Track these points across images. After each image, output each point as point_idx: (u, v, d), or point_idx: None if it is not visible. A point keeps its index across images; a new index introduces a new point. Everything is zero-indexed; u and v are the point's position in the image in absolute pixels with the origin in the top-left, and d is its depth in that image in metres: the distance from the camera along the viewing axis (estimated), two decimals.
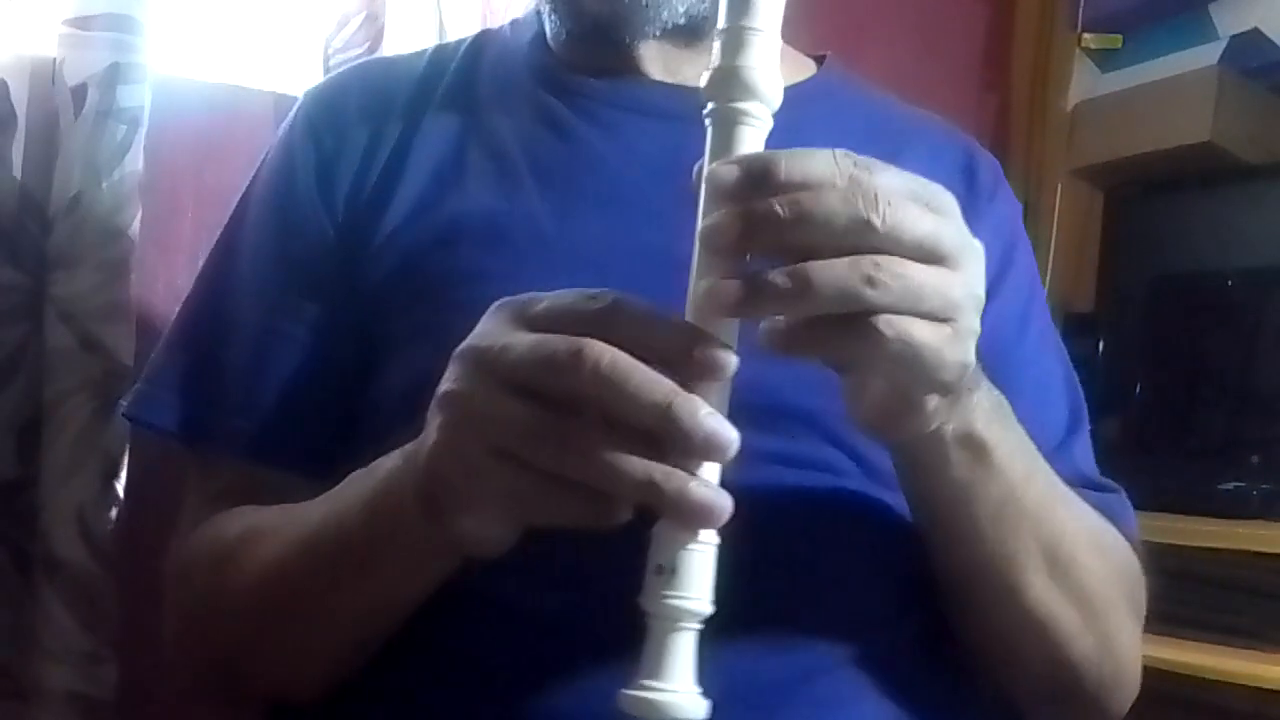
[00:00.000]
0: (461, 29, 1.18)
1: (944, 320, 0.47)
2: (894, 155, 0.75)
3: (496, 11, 1.20)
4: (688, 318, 0.47)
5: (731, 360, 0.46)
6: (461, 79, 0.77)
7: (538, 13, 0.79)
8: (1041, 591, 0.62)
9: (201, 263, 0.79)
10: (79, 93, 0.95)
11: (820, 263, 0.45)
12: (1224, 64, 1.57)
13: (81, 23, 0.96)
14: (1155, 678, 0.74)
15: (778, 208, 0.45)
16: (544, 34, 0.78)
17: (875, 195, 0.45)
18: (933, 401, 0.52)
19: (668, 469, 0.45)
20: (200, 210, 1.08)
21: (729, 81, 0.49)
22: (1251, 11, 1.59)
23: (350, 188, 0.73)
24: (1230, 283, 1.50)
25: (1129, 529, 0.74)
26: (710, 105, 0.49)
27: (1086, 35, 1.72)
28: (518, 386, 0.47)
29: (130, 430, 0.96)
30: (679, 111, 0.71)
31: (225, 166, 1.08)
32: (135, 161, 0.97)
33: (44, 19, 1.00)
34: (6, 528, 0.97)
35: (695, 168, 0.49)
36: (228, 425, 0.72)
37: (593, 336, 0.46)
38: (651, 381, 0.45)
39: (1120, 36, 1.71)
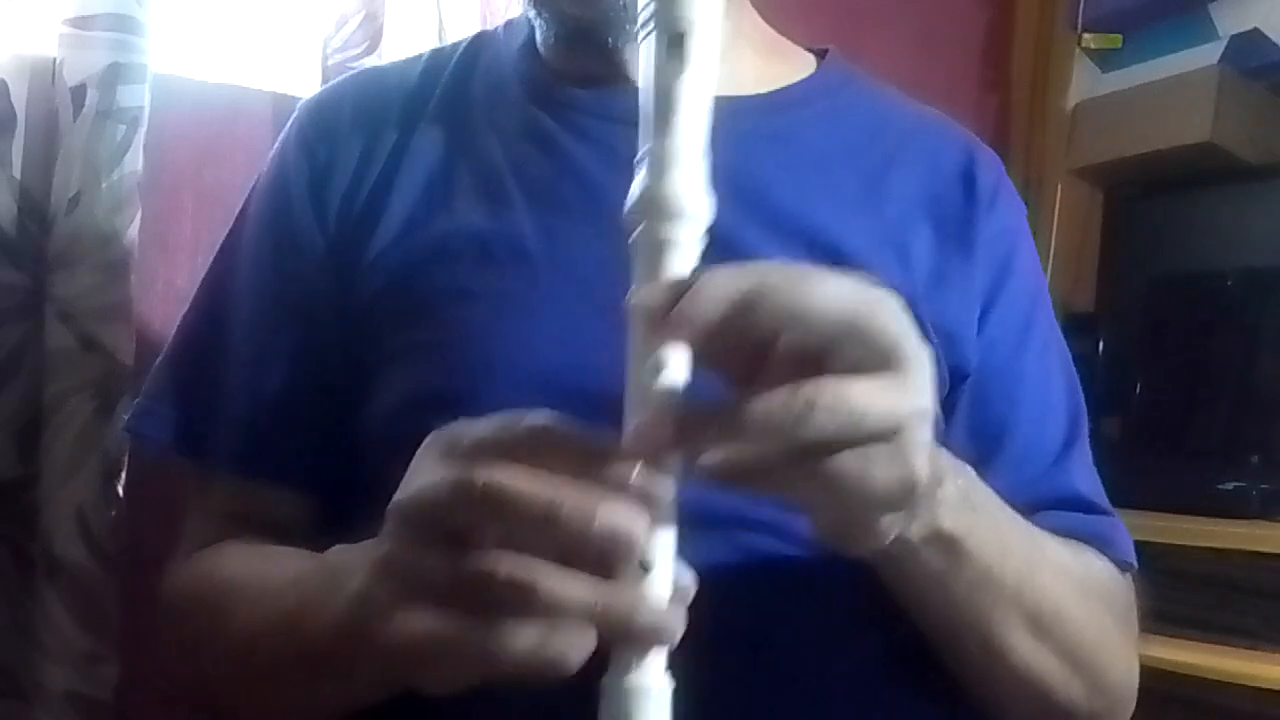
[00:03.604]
0: (461, 29, 1.18)
1: (887, 439, 0.45)
2: (890, 161, 0.75)
3: (497, 11, 1.20)
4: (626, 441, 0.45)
5: (669, 490, 0.44)
6: (454, 90, 0.77)
7: (528, 17, 0.78)
8: (1026, 653, 0.62)
9: (201, 263, 0.79)
10: (78, 93, 0.95)
11: (758, 399, 0.43)
12: (1224, 64, 1.58)
13: (81, 22, 0.95)
14: (1155, 678, 0.74)
15: (717, 414, 0.44)
16: (534, 39, 0.77)
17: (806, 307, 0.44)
18: (886, 520, 0.50)
19: (609, 593, 0.44)
20: (200, 210, 1.08)
21: (650, 205, 0.47)
22: (1251, 11, 1.59)
23: (342, 202, 0.73)
24: (1230, 283, 1.50)
25: (1121, 553, 0.73)
26: (635, 231, 0.47)
27: (1086, 35, 1.73)
28: (443, 535, 0.45)
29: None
30: None
31: (225, 166, 1.08)
32: (135, 162, 0.97)
33: (44, 19, 1.00)
34: (7, 527, 0.97)
35: (626, 299, 0.47)
36: (221, 440, 0.72)
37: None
38: (570, 591, 0.43)
39: (1120, 36, 1.71)
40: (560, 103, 0.74)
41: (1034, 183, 1.69)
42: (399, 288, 0.69)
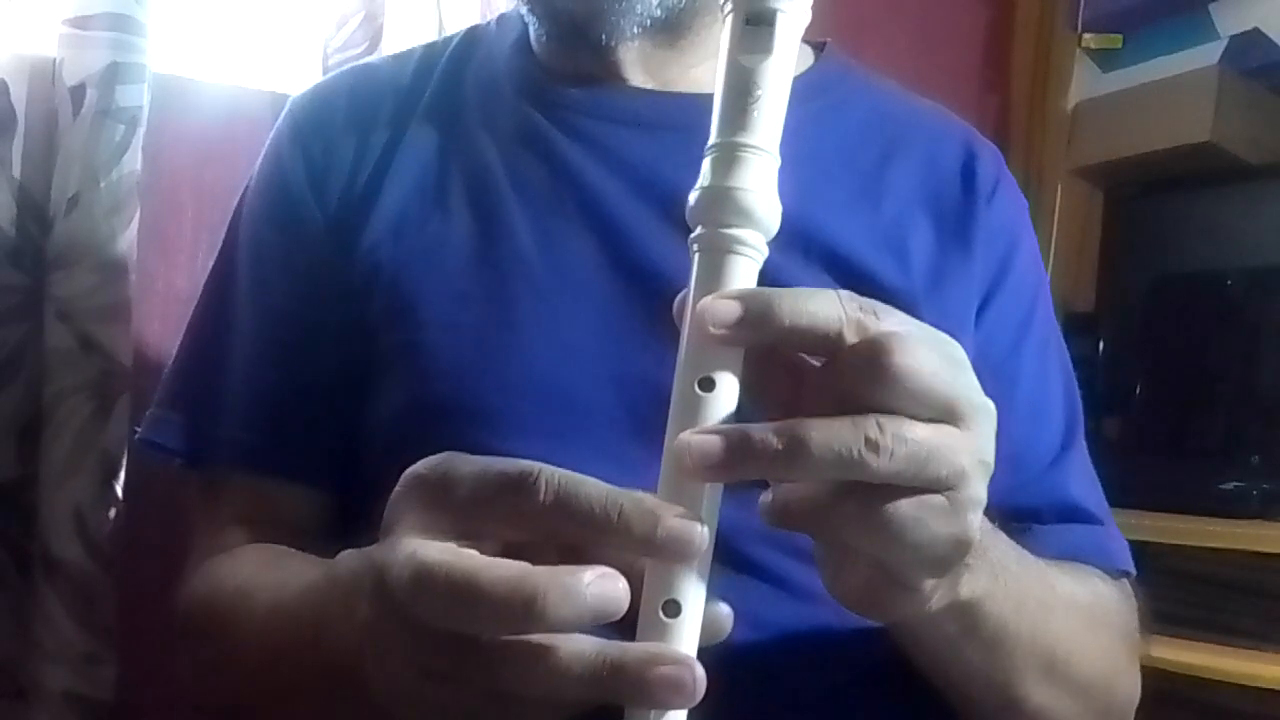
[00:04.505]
0: (461, 28, 1.18)
1: (945, 490, 0.42)
2: (889, 157, 0.75)
3: (497, 11, 1.20)
4: (664, 468, 0.41)
5: (701, 537, 0.39)
6: (446, 86, 0.76)
7: (520, 14, 0.77)
8: (1041, 699, 0.61)
9: (201, 264, 0.79)
10: (77, 93, 0.95)
11: (818, 421, 0.39)
12: (1224, 64, 1.58)
13: (81, 22, 0.95)
14: (1155, 678, 0.74)
15: (772, 438, 0.39)
16: (527, 36, 0.76)
17: (886, 345, 0.40)
18: (929, 584, 0.46)
19: (617, 658, 0.39)
20: (200, 211, 1.08)
21: (720, 203, 0.42)
22: (1251, 11, 1.59)
23: (338, 199, 0.72)
24: (1230, 283, 1.50)
25: (1119, 564, 0.73)
26: (698, 230, 0.43)
27: (1086, 35, 1.73)
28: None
29: (130, 435, 0.96)
30: (659, 120, 0.71)
31: (224, 166, 1.08)
32: (133, 162, 0.97)
33: (44, 19, 1.00)
34: (6, 527, 0.97)
35: (678, 299, 0.43)
36: (230, 437, 0.71)
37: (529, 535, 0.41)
38: (571, 662, 0.39)
39: (1120, 36, 1.71)
40: (553, 102, 0.73)
41: (1034, 182, 1.69)
42: (392, 287, 0.69)
